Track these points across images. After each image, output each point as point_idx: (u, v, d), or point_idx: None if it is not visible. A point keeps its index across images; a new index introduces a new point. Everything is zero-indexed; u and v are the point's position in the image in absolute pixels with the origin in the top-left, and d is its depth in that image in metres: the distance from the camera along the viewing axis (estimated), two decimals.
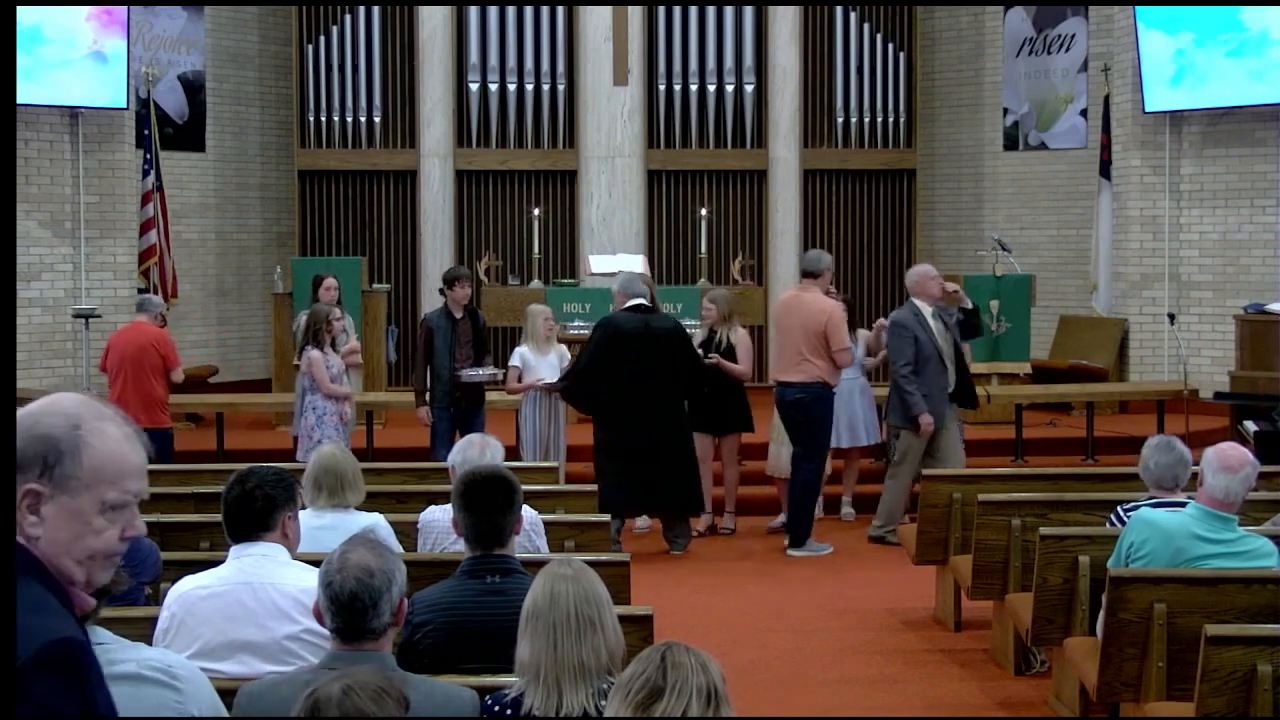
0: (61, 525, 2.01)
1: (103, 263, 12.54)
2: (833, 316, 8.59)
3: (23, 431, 2.01)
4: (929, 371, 8.63)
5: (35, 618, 1.94)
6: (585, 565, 3.42)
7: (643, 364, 8.27)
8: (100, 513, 2.04)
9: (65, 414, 2.04)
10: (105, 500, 2.03)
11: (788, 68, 13.82)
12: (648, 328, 8.35)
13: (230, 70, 14.05)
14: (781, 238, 13.90)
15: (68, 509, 2.01)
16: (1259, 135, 12.44)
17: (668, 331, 8.48)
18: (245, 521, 3.96)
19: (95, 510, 2.03)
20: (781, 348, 8.78)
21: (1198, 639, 4.34)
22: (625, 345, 8.30)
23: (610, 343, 8.34)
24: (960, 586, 6.82)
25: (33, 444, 2.00)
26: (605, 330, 8.45)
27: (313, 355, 8.87)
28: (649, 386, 8.32)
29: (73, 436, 2.02)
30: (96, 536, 2.04)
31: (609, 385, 8.34)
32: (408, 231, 13.86)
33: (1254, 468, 4.90)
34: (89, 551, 2.05)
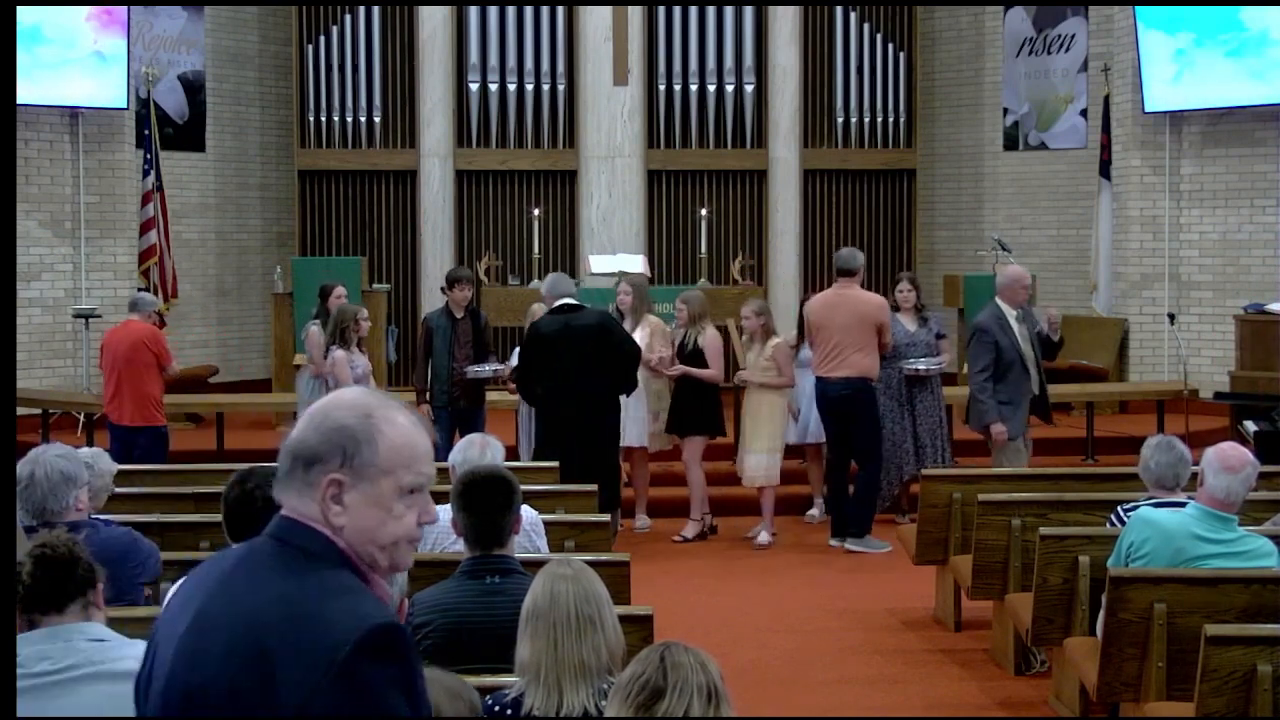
0: (365, 513, 2.07)
1: (103, 263, 12.55)
2: (887, 309, 8.95)
3: (316, 426, 2.08)
4: (1011, 377, 8.34)
5: (353, 601, 2.00)
6: (585, 565, 3.42)
7: (565, 364, 8.24)
8: (399, 498, 2.08)
9: (354, 405, 2.10)
10: (402, 485, 2.08)
11: (788, 68, 13.81)
12: (567, 327, 8.33)
13: (230, 70, 14.05)
14: (781, 238, 13.90)
15: (369, 496, 2.06)
16: (1259, 135, 12.44)
17: (588, 329, 8.37)
18: (245, 521, 3.96)
19: (394, 496, 2.08)
20: (821, 345, 8.86)
21: (1198, 639, 4.34)
22: (547, 348, 8.30)
23: (534, 347, 8.39)
24: (960, 586, 6.82)
25: (330, 436, 2.07)
26: (530, 335, 8.52)
27: (337, 355, 8.83)
28: (572, 385, 8.30)
29: (367, 425, 2.07)
30: (398, 522, 2.09)
31: (543, 387, 8.37)
32: (408, 231, 13.86)
33: (1254, 468, 4.90)
34: (392, 537, 2.09)
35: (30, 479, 4.42)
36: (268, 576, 2.02)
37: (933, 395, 9.36)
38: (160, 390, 9.33)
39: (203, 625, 2.01)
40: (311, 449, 2.07)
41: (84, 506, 4.61)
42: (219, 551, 2.35)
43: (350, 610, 1.96)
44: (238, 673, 1.93)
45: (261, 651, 1.92)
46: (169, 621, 2.13)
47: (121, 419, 9.12)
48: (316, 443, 2.07)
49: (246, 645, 1.94)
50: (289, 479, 2.10)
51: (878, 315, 8.83)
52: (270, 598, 1.98)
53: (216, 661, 1.95)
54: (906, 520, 8.73)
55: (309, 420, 2.10)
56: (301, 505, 2.08)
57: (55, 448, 4.63)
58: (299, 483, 2.08)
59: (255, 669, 1.92)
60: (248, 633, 1.94)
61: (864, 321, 8.76)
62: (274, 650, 1.92)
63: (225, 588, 2.04)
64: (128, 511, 5.81)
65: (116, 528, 4.81)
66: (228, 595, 2.03)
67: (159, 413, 9.29)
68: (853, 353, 8.74)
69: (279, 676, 1.90)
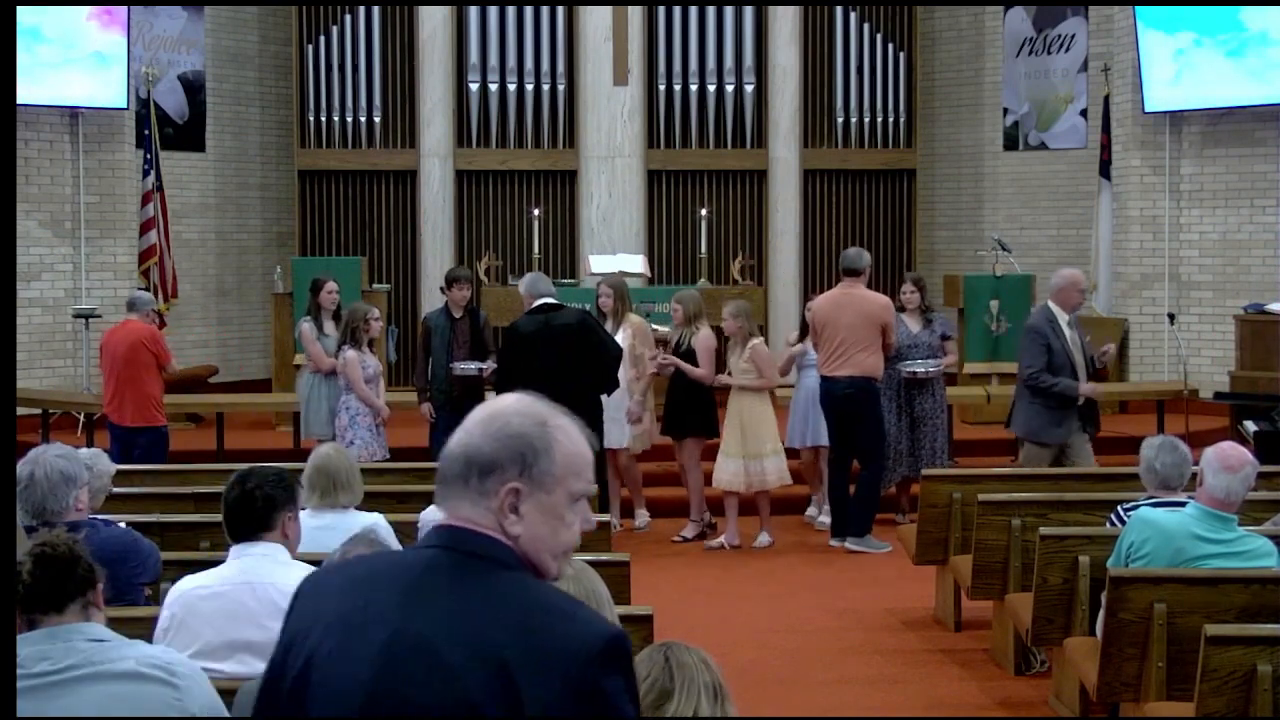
0: (540, 521, 2.05)
1: (103, 263, 12.55)
2: (887, 310, 8.92)
3: (494, 433, 2.06)
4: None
5: (578, 611, 2.00)
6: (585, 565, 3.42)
7: (544, 363, 8.16)
8: (570, 506, 2.08)
9: (529, 413, 2.09)
10: (573, 493, 2.07)
11: (788, 68, 13.81)
12: (546, 326, 8.29)
13: (230, 70, 14.05)
14: (781, 238, 13.90)
15: (544, 505, 2.05)
16: (1259, 135, 12.44)
17: (568, 328, 8.32)
18: (245, 521, 3.97)
19: (566, 504, 2.07)
20: (826, 344, 8.86)
21: (1198, 639, 4.34)
22: (526, 349, 8.24)
23: (513, 347, 8.34)
24: (960, 586, 6.82)
25: (508, 444, 2.05)
26: (509, 336, 8.47)
27: (349, 355, 8.82)
28: (552, 385, 8.25)
29: (544, 434, 2.06)
30: (568, 530, 2.08)
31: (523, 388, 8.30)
32: (408, 231, 13.86)
33: (1254, 468, 4.90)
34: (564, 546, 2.09)
35: (30, 479, 4.42)
36: (475, 590, 1.98)
37: (933, 398, 9.35)
38: (160, 390, 9.32)
39: (412, 646, 1.94)
40: (489, 457, 2.04)
41: (84, 506, 4.61)
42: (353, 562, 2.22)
43: (582, 620, 1.96)
44: (477, 689, 1.89)
45: (500, 666, 1.89)
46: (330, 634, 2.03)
47: (122, 419, 9.12)
48: (494, 451, 2.04)
49: (484, 661, 1.90)
50: (462, 487, 2.05)
51: (882, 315, 8.83)
52: (497, 612, 1.95)
53: (449, 679, 1.90)
54: (906, 520, 8.73)
55: (483, 428, 2.06)
56: (475, 514, 2.04)
57: (55, 448, 4.63)
58: (473, 491, 2.04)
59: (495, 684, 1.89)
60: (483, 648, 1.91)
61: (869, 321, 8.76)
62: (513, 664, 1.89)
63: (422, 606, 1.98)
64: (128, 511, 5.82)
65: (116, 528, 4.81)
66: (433, 614, 1.96)
67: (159, 413, 9.28)
68: (857, 352, 8.74)
69: (523, 691, 1.88)
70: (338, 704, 1.98)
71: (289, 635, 2.12)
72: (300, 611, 2.13)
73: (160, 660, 3.11)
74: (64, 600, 3.08)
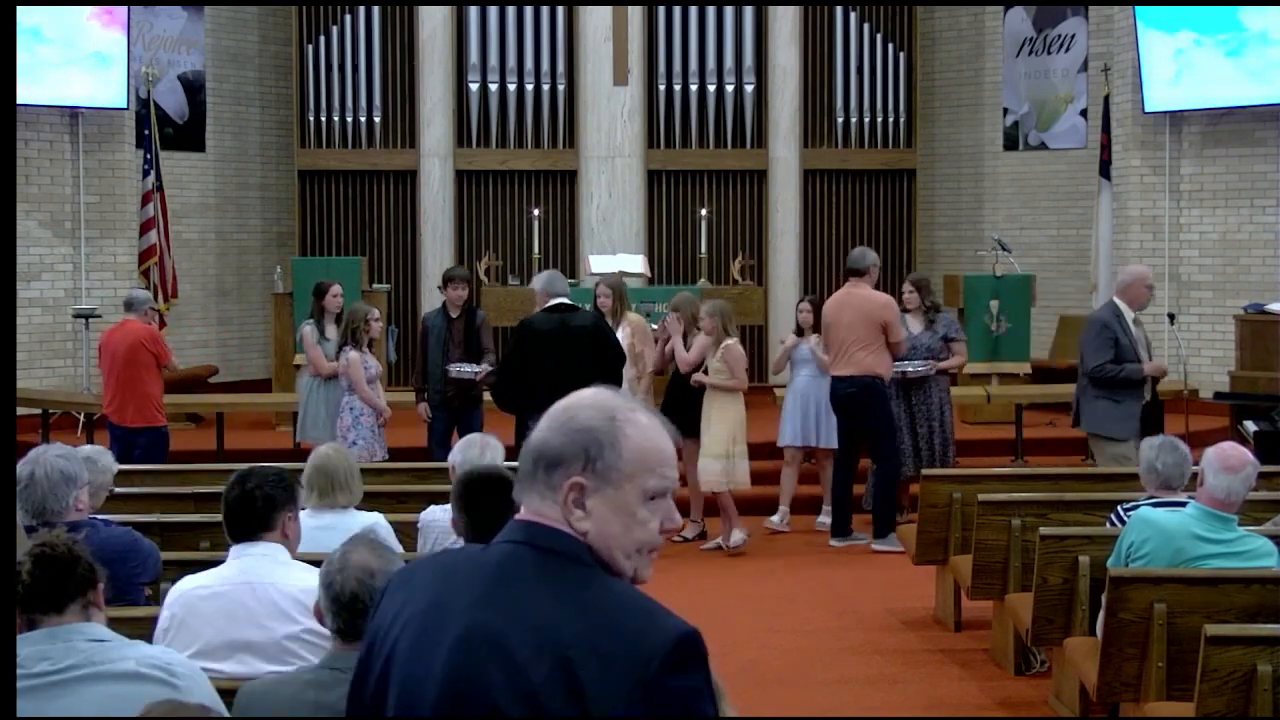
0: (609, 518, 2.01)
1: (103, 263, 12.55)
2: (892, 307, 8.86)
3: (560, 427, 2.02)
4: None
5: (649, 608, 1.95)
6: None
7: (559, 364, 8.15)
8: (643, 503, 2.02)
9: (599, 405, 2.04)
10: (646, 489, 2.02)
11: (788, 68, 13.81)
12: (564, 326, 8.26)
13: (230, 70, 14.05)
14: (781, 238, 13.90)
15: (612, 501, 2.00)
16: (1259, 135, 12.44)
17: (584, 330, 8.34)
18: (245, 521, 3.97)
19: (638, 501, 2.01)
20: (831, 344, 8.90)
21: (1198, 639, 4.34)
22: (541, 346, 8.20)
23: (527, 344, 8.27)
24: (960, 586, 6.82)
25: (574, 437, 2.01)
26: (523, 332, 8.39)
27: (351, 356, 8.80)
28: (563, 385, 8.24)
29: (611, 427, 2.01)
30: (642, 528, 2.02)
31: (531, 386, 8.25)
32: (408, 231, 13.86)
33: (1254, 468, 4.90)
34: (637, 544, 2.03)
35: (30, 479, 4.42)
36: (546, 586, 1.96)
37: (928, 397, 9.31)
38: (160, 390, 9.31)
39: (483, 639, 1.94)
40: (555, 451, 2.01)
41: (84, 506, 4.61)
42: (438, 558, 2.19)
43: (652, 618, 1.93)
44: (543, 685, 1.88)
45: (565, 663, 1.88)
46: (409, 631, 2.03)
47: (123, 420, 9.11)
48: (560, 444, 2.00)
49: (549, 657, 1.88)
50: (531, 481, 2.03)
51: (881, 314, 8.80)
52: (565, 609, 1.93)
53: (517, 674, 1.89)
54: (905, 519, 8.72)
55: (552, 420, 2.04)
56: (544, 508, 2.01)
57: (55, 448, 4.63)
58: (541, 485, 2.01)
59: (560, 681, 1.87)
60: (548, 646, 1.89)
61: (868, 320, 8.75)
62: (577, 661, 1.87)
63: (496, 600, 1.97)
64: (128, 511, 5.81)
65: (116, 528, 4.81)
66: (506, 608, 1.95)
67: (160, 413, 9.27)
68: (857, 351, 8.74)
69: (588, 691, 1.86)
70: (413, 699, 1.98)
71: (371, 633, 2.11)
72: (383, 608, 2.11)
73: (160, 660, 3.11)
74: (64, 600, 3.08)
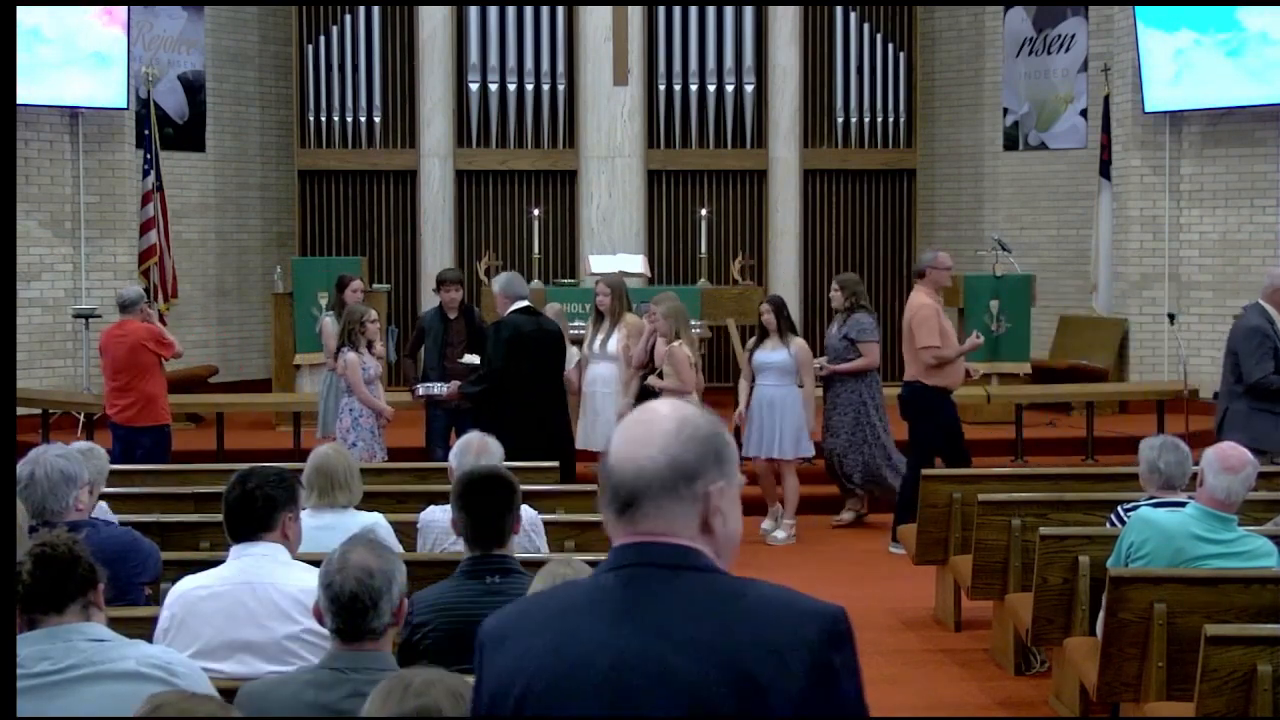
0: (734, 514, 2.06)
1: (103, 263, 12.55)
2: (917, 313, 8.59)
3: (685, 440, 2.01)
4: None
5: (788, 597, 2.00)
6: (585, 565, 3.42)
7: (535, 365, 8.22)
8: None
9: (696, 410, 2.06)
10: (741, 481, 2.08)
11: (788, 68, 13.81)
12: (539, 329, 8.36)
13: (230, 70, 14.05)
14: (781, 238, 13.89)
15: (733, 497, 2.05)
16: (1259, 135, 12.43)
17: (555, 334, 8.51)
18: (246, 521, 3.97)
19: (739, 492, 2.08)
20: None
21: (1198, 639, 4.34)
22: (523, 348, 8.26)
23: (509, 345, 8.30)
24: (960, 586, 6.82)
25: (703, 446, 2.02)
26: (509, 333, 8.37)
27: (349, 358, 8.75)
28: (539, 387, 8.32)
29: (720, 428, 2.06)
30: (739, 522, 2.09)
31: (514, 387, 8.27)
32: (408, 231, 13.86)
33: (1254, 468, 4.90)
34: (740, 533, 2.11)
35: (30, 479, 4.42)
36: (690, 598, 1.96)
37: (836, 398, 9.22)
38: (163, 389, 9.30)
39: (642, 663, 1.91)
40: (691, 463, 2.00)
41: (84, 506, 4.61)
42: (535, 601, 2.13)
43: (801, 602, 1.97)
44: (719, 697, 1.87)
45: (741, 670, 1.88)
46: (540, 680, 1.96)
47: (126, 420, 9.10)
48: (694, 457, 2.00)
49: (722, 667, 1.89)
50: (663, 499, 1.99)
51: (909, 318, 8.69)
52: (719, 617, 1.93)
53: (685, 692, 1.88)
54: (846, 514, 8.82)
55: (671, 438, 2.00)
56: (672, 524, 2.00)
57: (55, 448, 4.63)
58: (685, 500, 2.00)
59: (738, 688, 1.88)
60: (718, 655, 1.89)
61: (906, 325, 8.72)
62: (753, 665, 1.89)
63: (640, 621, 1.94)
64: (128, 511, 5.81)
65: (116, 528, 4.81)
66: (656, 627, 1.93)
67: (164, 412, 9.26)
68: (908, 355, 8.69)
69: (769, 691, 1.88)
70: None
71: (490, 693, 2.02)
72: (493, 668, 2.03)
73: (160, 660, 3.11)
74: (64, 600, 3.08)
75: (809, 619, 1.93)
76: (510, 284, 8.56)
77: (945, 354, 8.54)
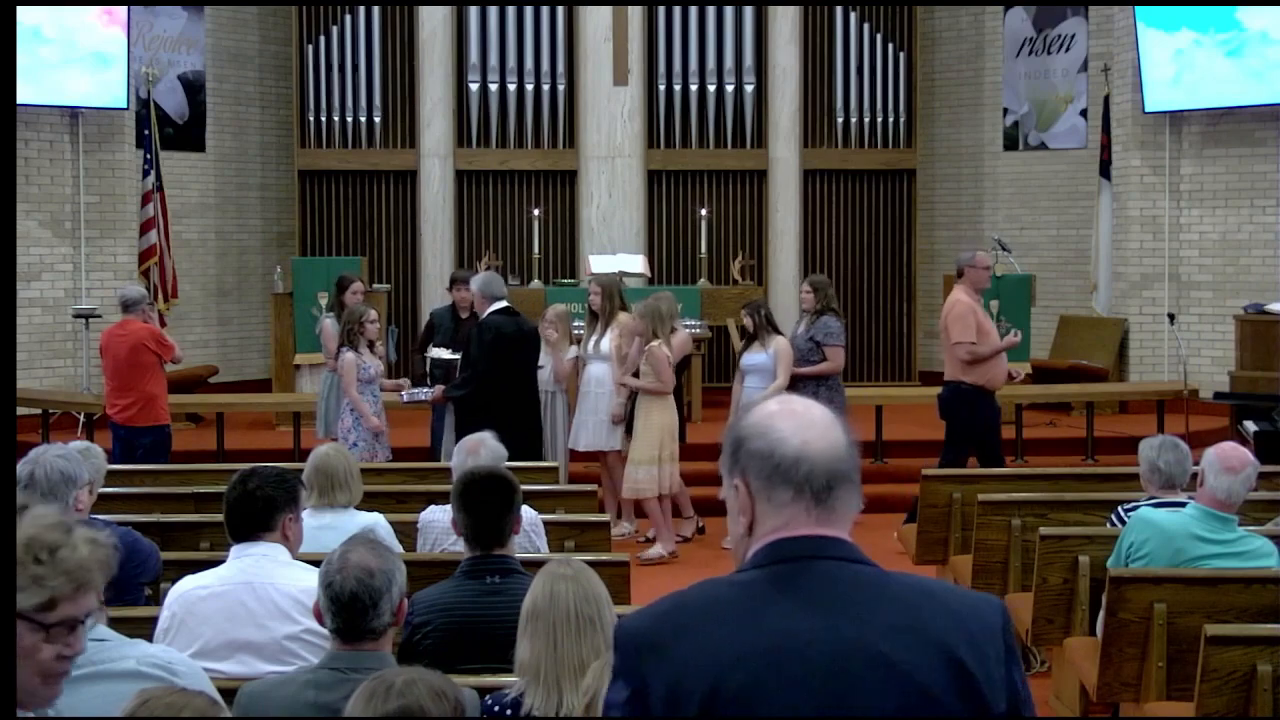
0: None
1: (103, 263, 12.55)
2: (952, 310, 8.56)
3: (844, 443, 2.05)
4: None
5: (951, 586, 2.11)
6: (585, 565, 3.42)
7: (516, 365, 8.26)
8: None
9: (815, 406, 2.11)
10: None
11: (788, 68, 13.81)
12: (520, 330, 8.40)
13: (230, 70, 14.05)
14: (781, 238, 13.89)
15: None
16: (1259, 135, 12.44)
17: (532, 334, 8.57)
18: (245, 521, 3.97)
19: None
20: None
21: (1198, 639, 4.34)
22: (506, 348, 8.29)
23: (493, 345, 8.31)
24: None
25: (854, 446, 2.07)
26: (492, 333, 8.38)
27: (346, 358, 8.73)
28: (519, 386, 8.34)
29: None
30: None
31: (497, 387, 8.27)
32: (408, 231, 13.86)
33: (1254, 468, 4.90)
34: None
35: (30, 479, 4.42)
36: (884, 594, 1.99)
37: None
38: (164, 389, 9.28)
39: (861, 653, 1.92)
40: (856, 463, 2.06)
41: (84, 506, 4.60)
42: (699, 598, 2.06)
43: (972, 597, 2.05)
44: (936, 683, 1.92)
45: (952, 657, 1.94)
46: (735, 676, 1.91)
47: (127, 420, 9.09)
48: (856, 456, 2.06)
49: (935, 655, 1.94)
50: (851, 487, 2.03)
51: (945, 315, 8.66)
52: (920, 607, 1.98)
53: (906, 680, 1.92)
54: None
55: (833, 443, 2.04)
56: (850, 513, 2.04)
57: (55, 448, 4.63)
58: (855, 490, 2.04)
59: (951, 674, 1.93)
60: (931, 643, 1.94)
61: (943, 322, 8.69)
62: (961, 651, 1.94)
63: (851, 616, 1.95)
64: (128, 511, 5.81)
65: (116, 528, 4.81)
66: (863, 622, 1.95)
67: (164, 412, 9.25)
68: (946, 353, 8.67)
69: (976, 676, 1.94)
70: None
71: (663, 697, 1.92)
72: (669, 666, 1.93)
73: (161, 660, 3.11)
74: None
75: (989, 608, 2.01)
76: (489, 284, 8.58)
77: (980, 350, 8.51)
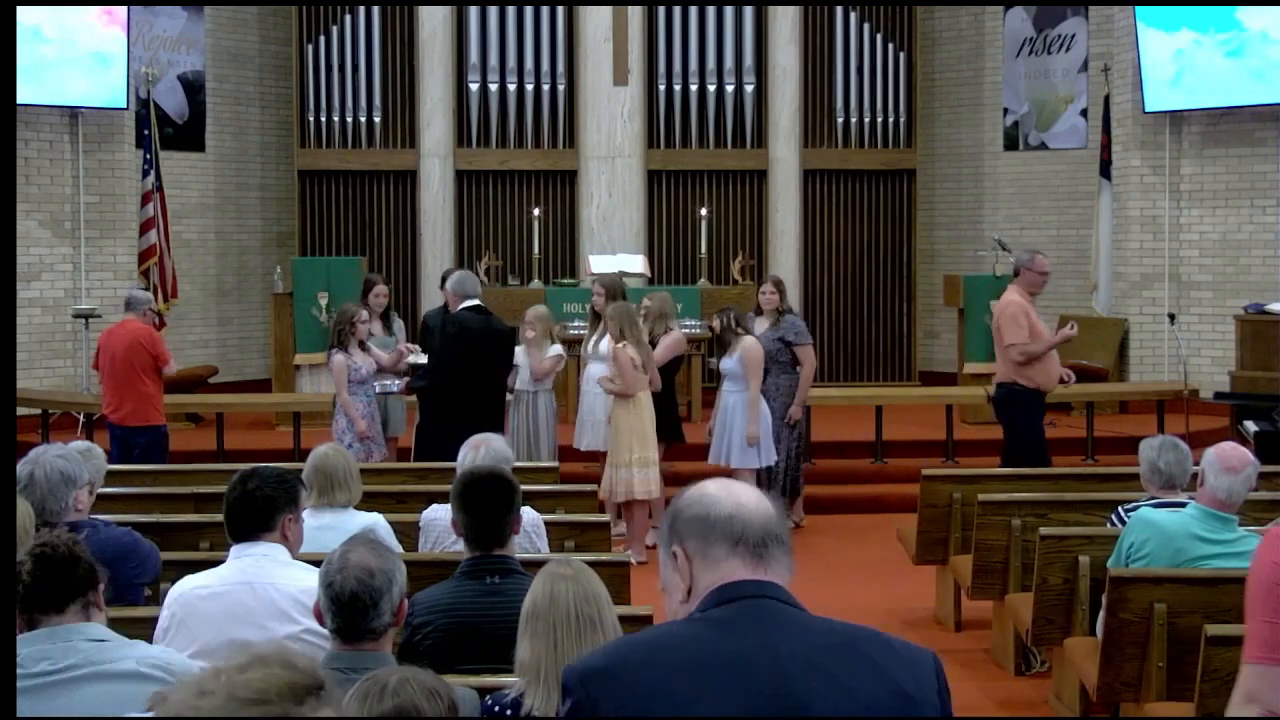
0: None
1: (103, 263, 12.55)
2: (1005, 310, 8.53)
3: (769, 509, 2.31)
4: None
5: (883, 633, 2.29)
6: (585, 565, 3.42)
7: (483, 363, 8.21)
8: None
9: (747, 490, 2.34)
10: None
11: (788, 68, 13.81)
12: (489, 328, 8.34)
13: (230, 70, 14.05)
14: (781, 238, 13.90)
15: None
16: (1259, 135, 12.44)
17: (504, 331, 8.49)
18: (245, 521, 3.96)
19: None
20: None
21: (1198, 639, 4.33)
22: (471, 345, 8.24)
23: (462, 340, 8.27)
24: (960, 586, 6.82)
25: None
26: (456, 328, 8.33)
27: (335, 359, 8.68)
28: (485, 385, 8.32)
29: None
30: None
31: (456, 384, 8.24)
32: (408, 231, 13.86)
33: (1255, 468, 4.89)
34: None
35: (30, 479, 4.42)
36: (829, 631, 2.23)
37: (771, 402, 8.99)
38: (159, 390, 9.28)
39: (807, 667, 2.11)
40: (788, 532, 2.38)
41: (84, 507, 4.61)
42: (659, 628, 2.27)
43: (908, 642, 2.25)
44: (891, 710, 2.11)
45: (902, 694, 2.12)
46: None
47: (121, 420, 9.10)
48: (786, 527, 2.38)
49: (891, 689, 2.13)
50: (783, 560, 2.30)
51: (997, 315, 8.66)
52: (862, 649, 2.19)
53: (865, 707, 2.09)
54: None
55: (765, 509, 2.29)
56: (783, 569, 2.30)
57: (55, 448, 4.63)
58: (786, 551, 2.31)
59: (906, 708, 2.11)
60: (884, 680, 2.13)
61: (995, 324, 8.69)
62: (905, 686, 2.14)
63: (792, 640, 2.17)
64: (128, 511, 5.81)
65: (116, 528, 4.81)
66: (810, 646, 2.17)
67: (158, 413, 9.24)
68: (999, 355, 8.67)
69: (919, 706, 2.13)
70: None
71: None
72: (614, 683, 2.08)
73: (160, 660, 3.11)
74: (64, 600, 3.08)
75: (925, 654, 2.21)
76: (461, 283, 8.56)
77: (1033, 349, 8.46)
